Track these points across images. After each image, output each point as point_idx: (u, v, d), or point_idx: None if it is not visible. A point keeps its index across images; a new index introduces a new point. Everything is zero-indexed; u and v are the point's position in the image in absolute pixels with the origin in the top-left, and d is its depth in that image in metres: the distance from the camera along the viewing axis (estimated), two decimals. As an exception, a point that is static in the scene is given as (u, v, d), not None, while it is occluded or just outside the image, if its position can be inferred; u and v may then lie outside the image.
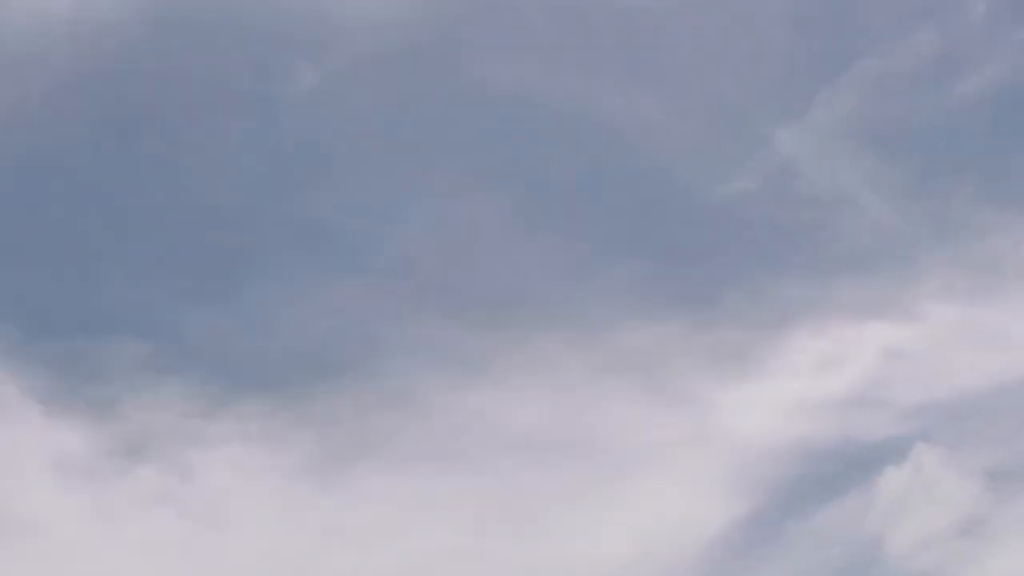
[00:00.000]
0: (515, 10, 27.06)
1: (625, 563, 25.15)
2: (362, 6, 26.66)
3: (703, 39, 27.27)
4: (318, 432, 30.86)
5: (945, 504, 24.15)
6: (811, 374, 25.87)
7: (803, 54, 27.51)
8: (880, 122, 27.39)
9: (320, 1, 26.67)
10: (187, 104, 25.93)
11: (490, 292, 27.02)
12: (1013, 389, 24.74)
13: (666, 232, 27.33)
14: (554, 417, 27.11)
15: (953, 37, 27.61)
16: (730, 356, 26.37)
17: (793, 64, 27.49)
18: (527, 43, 26.99)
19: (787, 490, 24.63)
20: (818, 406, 25.37)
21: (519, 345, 26.85)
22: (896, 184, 27.12)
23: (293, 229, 26.90)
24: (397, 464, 32.81)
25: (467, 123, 27.09)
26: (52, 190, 26.50)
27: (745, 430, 25.45)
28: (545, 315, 26.95)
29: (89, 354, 28.47)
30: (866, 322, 26.47)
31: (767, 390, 25.78)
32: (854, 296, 26.60)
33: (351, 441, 30.57)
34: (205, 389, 28.62)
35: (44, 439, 35.93)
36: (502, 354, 27.04)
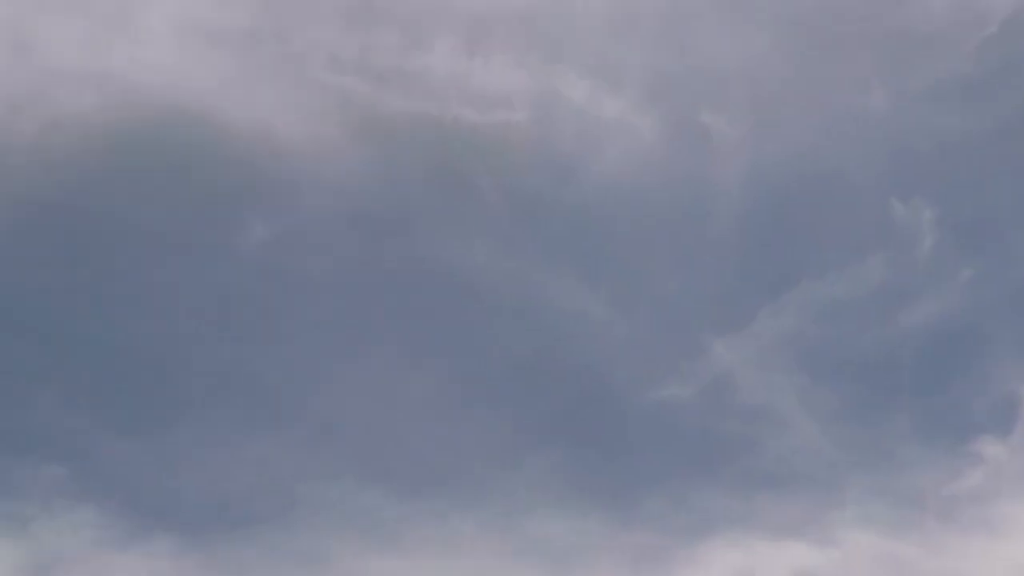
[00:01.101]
0: (473, 190, 27.49)
1: None
2: (322, 166, 27.11)
3: (655, 243, 27.73)
4: None
5: None
6: (725, 586, 25.84)
7: (753, 269, 27.95)
8: (820, 344, 27.68)
9: (279, 156, 27.10)
10: (135, 245, 26.22)
11: (411, 463, 27.04)
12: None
13: (596, 428, 27.46)
14: None
15: (900, 269, 28.07)
16: (646, 559, 26.31)
17: (742, 277, 27.91)
18: (481, 225, 27.41)
19: None
20: (729, 618, 25.32)
21: (434, 520, 26.80)
22: (828, 407, 27.28)
23: (225, 377, 27.10)
24: None
25: (412, 295, 27.44)
26: (-12, 310, 26.64)
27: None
28: (464, 493, 26.96)
29: (6, 471, 28.33)
30: (784, 541, 26.44)
31: (681, 597, 25.73)
32: (775, 513, 26.58)
33: None
34: (119, 520, 28.48)
35: None
36: (416, 526, 26.99)
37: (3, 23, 30.83)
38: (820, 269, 27.72)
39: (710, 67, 30.51)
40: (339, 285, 27.48)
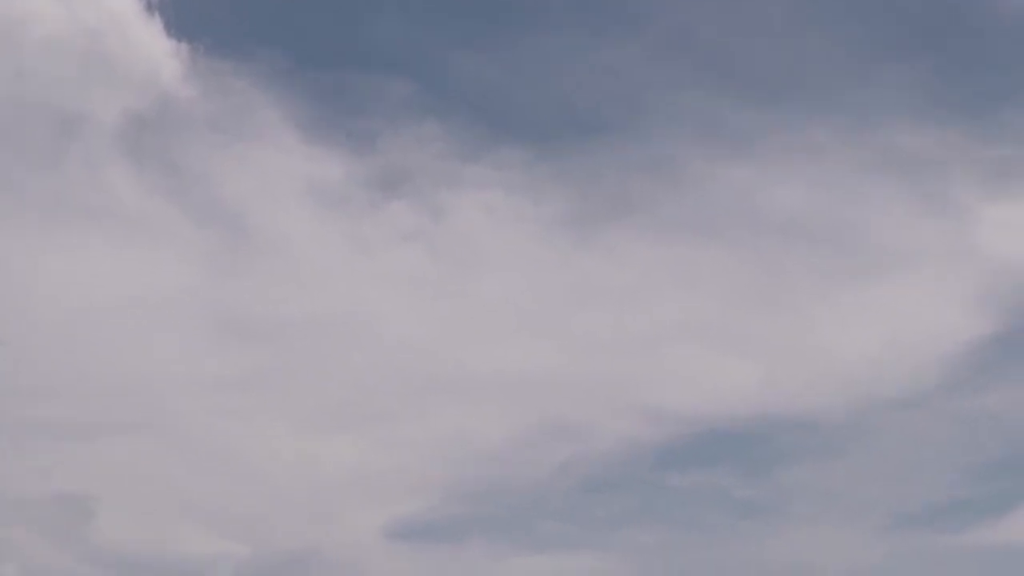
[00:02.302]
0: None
1: (868, 359, 26.42)
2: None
3: None
4: (577, 188, 30.90)
5: None
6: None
7: None
8: None
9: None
10: None
11: (766, 73, 26.43)
12: None
13: (955, 38, 26.25)
14: (815, 204, 27.32)
15: None
16: (1002, 173, 25.94)
17: None
18: None
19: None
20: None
21: (788, 129, 26.58)
22: None
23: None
24: (654, 230, 32.99)
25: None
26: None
27: (1005, 250, 25.29)
28: (819, 103, 26.47)
29: (355, 87, 28.19)
30: None
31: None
32: None
33: (609, 201, 30.70)
34: (465, 133, 28.66)
35: (302, 166, 35.39)
36: (770, 135, 26.84)
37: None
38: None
39: None
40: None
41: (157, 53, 29.19)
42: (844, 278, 27.07)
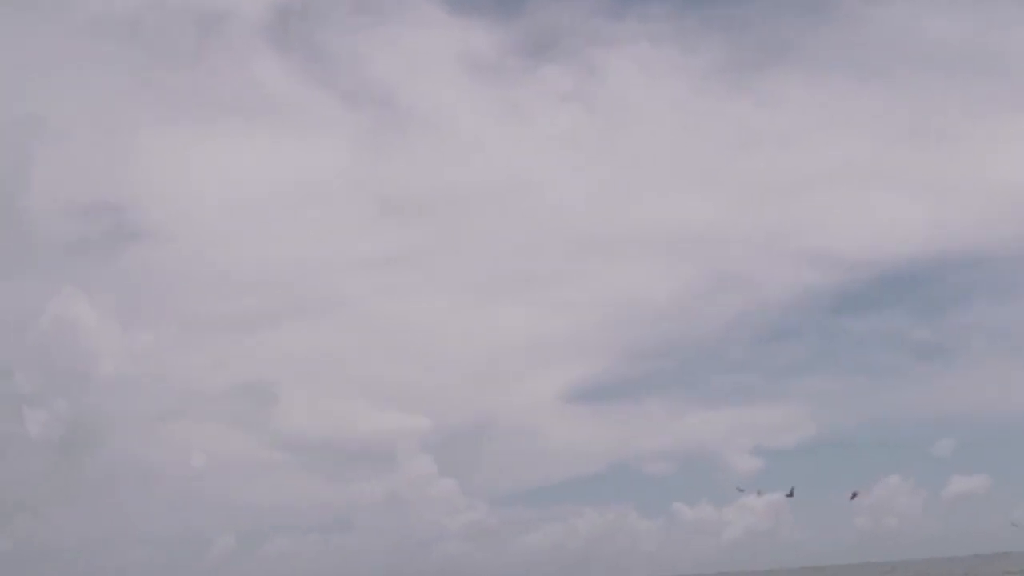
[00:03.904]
0: None
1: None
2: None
3: None
4: (727, 35, 30.10)
5: None
6: None
7: None
8: None
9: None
10: None
11: None
12: None
13: None
14: (975, 35, 26.12)
15: None
16: None
17: None
18: None
19: None
20: None
21: None
22: None
23: None
24: (809, 71, 32.17)
25: None
26: None
27: None
28: None
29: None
30: None
31: None
32: None
33: (761, 46, 29.96)
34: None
35: (450, 39, 35.30)
36: None
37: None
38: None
39: None
40: None
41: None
42: (1009, 109, 26.11)
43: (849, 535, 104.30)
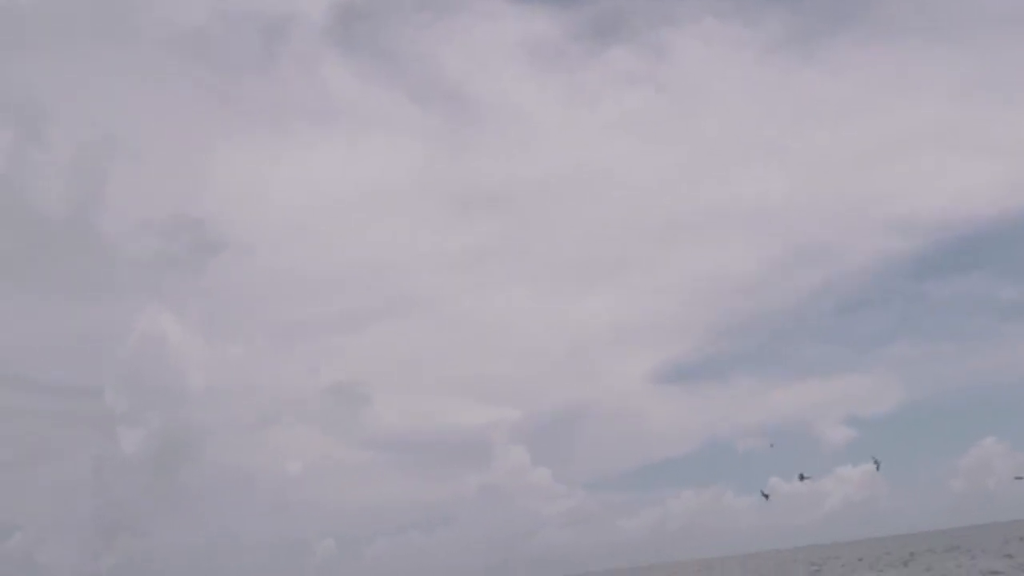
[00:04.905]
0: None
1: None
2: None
3: None
4: (789, 5, 30.74)
5: None
6: None
7: None
8: None
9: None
10: None
11: None
12: None
13: None
14: None
15: None
16: None
17: None
18: None
19: None
20: None
21: None
22: None
23: None
24: (874, 37, 32.81)
25: None
26: None
27: None
28: None
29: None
30: None
31: None
32: None
33: (825, 14, 30.60)
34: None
35: (513, 28, 36.55)
36: None
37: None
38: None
39: None
40: None
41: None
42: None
43: (946, 500, 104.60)
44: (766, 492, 36.48)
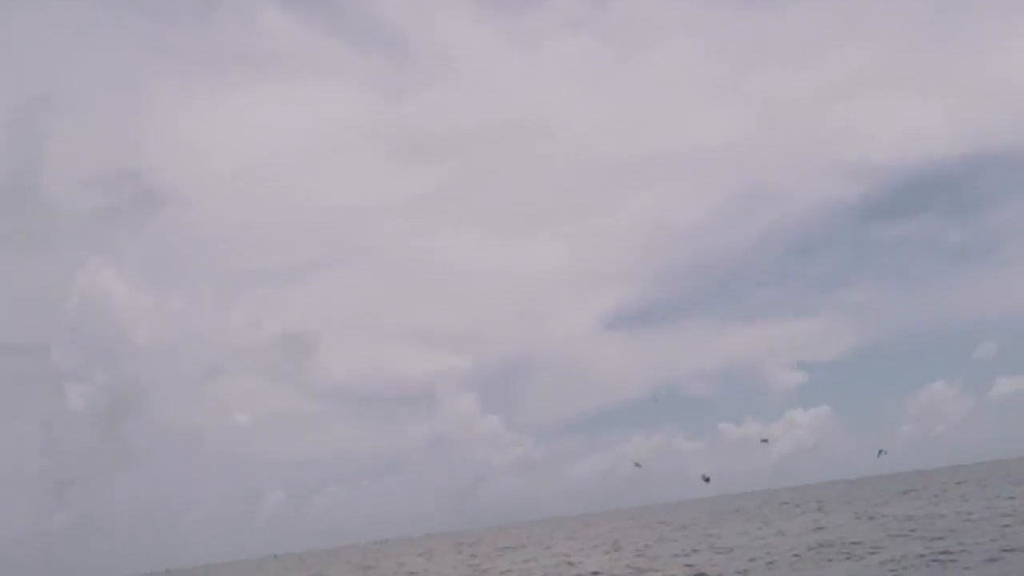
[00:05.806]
0: None
1: None
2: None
3: None
4: None
5: None
6: None
7: None
8: None
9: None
10: None
11: None
12: None
13: None
14: None
15: None
16: None
17: None
18: None
19: None
20: None
21: None
22: None
23: None
24: None
25: None
26: None
27: None
28: None
29: None
30: None
31: None
32: None
33: None
34: None
35: None
36: None
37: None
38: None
39: None
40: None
41: None
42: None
43: (897, 444, 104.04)
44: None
